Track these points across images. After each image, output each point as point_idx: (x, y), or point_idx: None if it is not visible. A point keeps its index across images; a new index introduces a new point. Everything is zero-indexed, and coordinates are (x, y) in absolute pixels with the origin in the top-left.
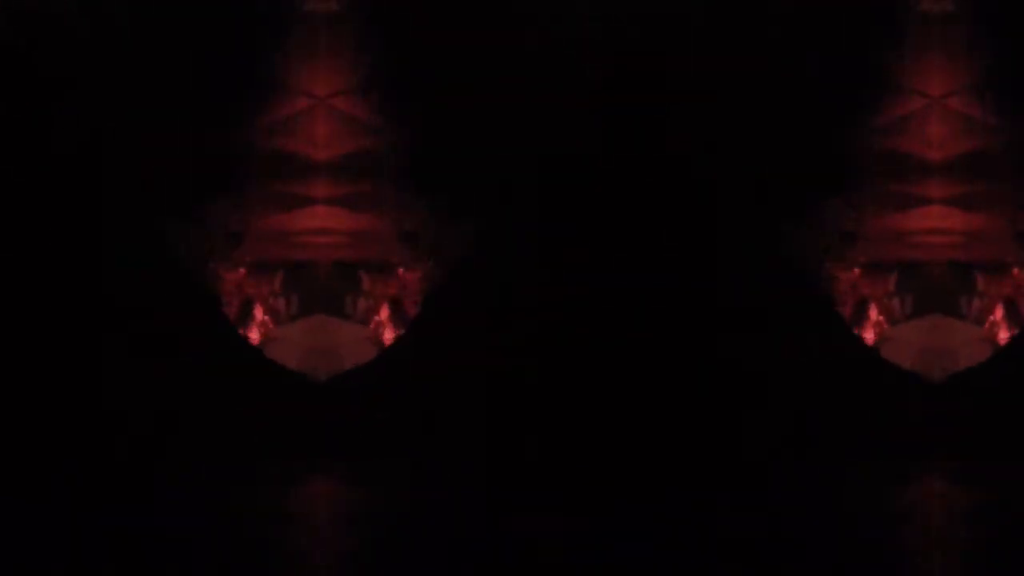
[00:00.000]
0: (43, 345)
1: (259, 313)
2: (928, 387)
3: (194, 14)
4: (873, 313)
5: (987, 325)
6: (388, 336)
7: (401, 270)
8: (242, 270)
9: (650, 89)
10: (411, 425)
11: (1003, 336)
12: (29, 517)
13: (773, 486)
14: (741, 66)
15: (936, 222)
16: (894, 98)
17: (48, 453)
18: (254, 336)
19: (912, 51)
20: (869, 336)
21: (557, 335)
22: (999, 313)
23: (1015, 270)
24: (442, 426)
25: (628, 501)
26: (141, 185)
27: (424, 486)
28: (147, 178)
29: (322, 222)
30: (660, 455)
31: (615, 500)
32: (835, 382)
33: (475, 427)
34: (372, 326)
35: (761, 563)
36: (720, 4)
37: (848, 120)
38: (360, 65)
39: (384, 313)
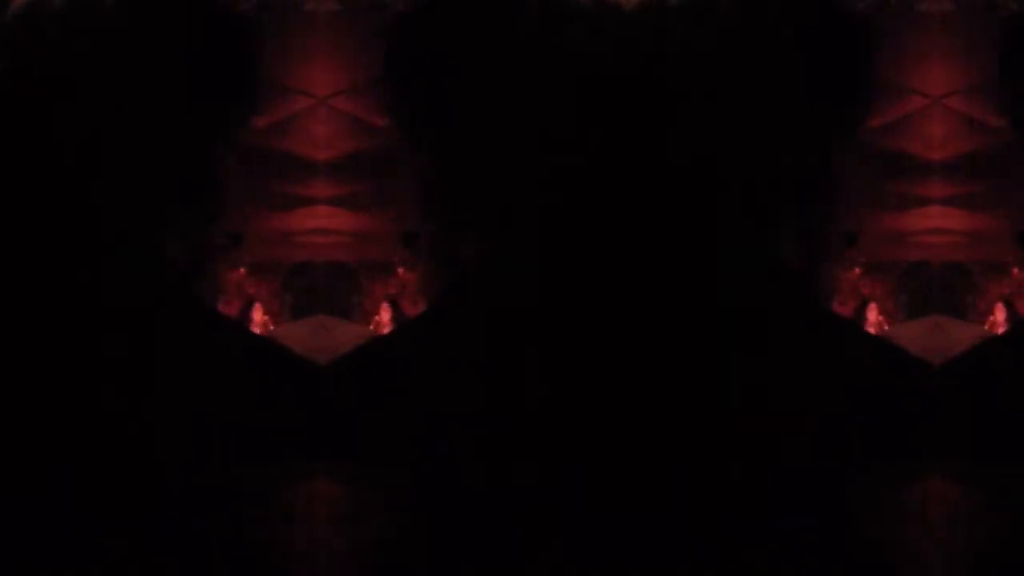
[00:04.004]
0: (42, 346)
1: (259, 313)
2: (928, 387)
3: (193, 14)
4: (873, 313)
5: (987, 325)
6: (388, 336)
7: (401, 270)
8: (242, 270)
9: (649, 90)
10: (411, 426)
11: (1003, 336)
12: (26, 517)
13: (773, 486)
14: (739, 67)
15: (936, 222)
16: (894, 98)
17: (47, 453)
18: (254, 336)
19: (912, 51)
20: (869, 336)
21: (557, 336)
22: (999, 313)
23: (1015, 270)
24: (443, 427)
25: (628, 502)
26: (140, 186)
27: (424, 487)
28: (146, 179)
29: (322, 222)
30: (659, 456)
31: (615, 500)
32: (835, 382)
33: (476, 428)
34: (372, 326)
35: (761, 563)
36: (718, 4)
37: (848, 120)
38: (360, 65)
39: (384, 313)
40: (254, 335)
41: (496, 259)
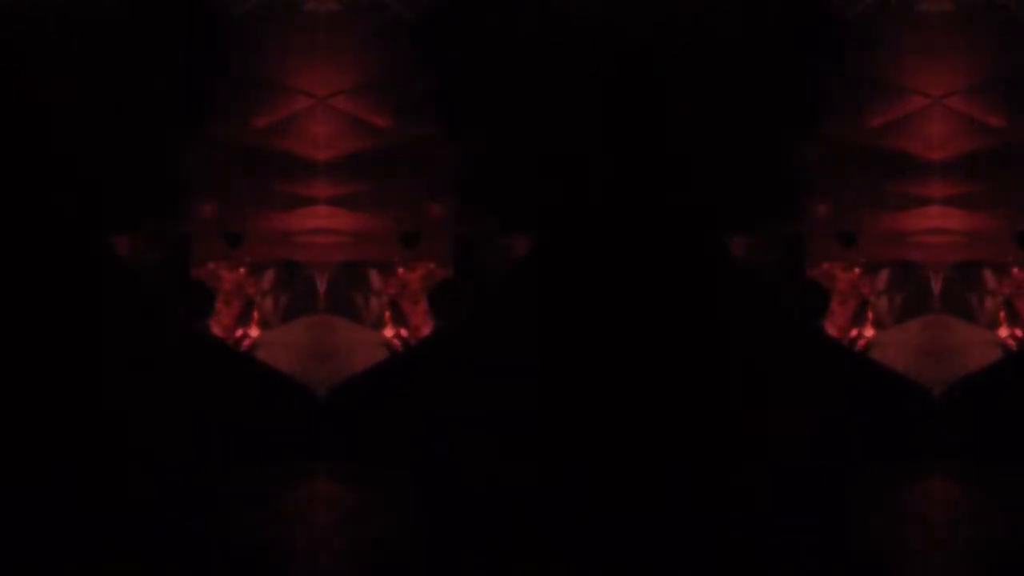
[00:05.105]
0: (42, 347)
1: (259, 313)
2: (928, 387)
3: (193, 13)
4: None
5: (987, 326)
6: (389, 337)
7: (401, 270)
8: (242, 270)
9: (649, 89)
10: (411, 426)
11: (1003, 336)
12: (28, 518)
13: (773, 486)
14: (739, 67)
15: (936, 222)
16: (894, 98)
17: (47, 455)
18: (255, 337)
19: (912, 51)
20: (870, 336)
21: (556, 335)
22: (999, 313)
23: (1015, 270)
24: (443, 427)
25: (628, 502)
26: (139, 185)
27: (424, 487)
28: (145, 178)
29: (322, 222)
30: (659, 456)
31: (615, 500)
32: (835, 382)
33: (476, 428)
34: (372, 326)
35: (761, 563)
36: (718, 4)
37: (848, 120)
38: (360, 65)
39: (384, 313)
40: (255, 335)
41: (495, 258)
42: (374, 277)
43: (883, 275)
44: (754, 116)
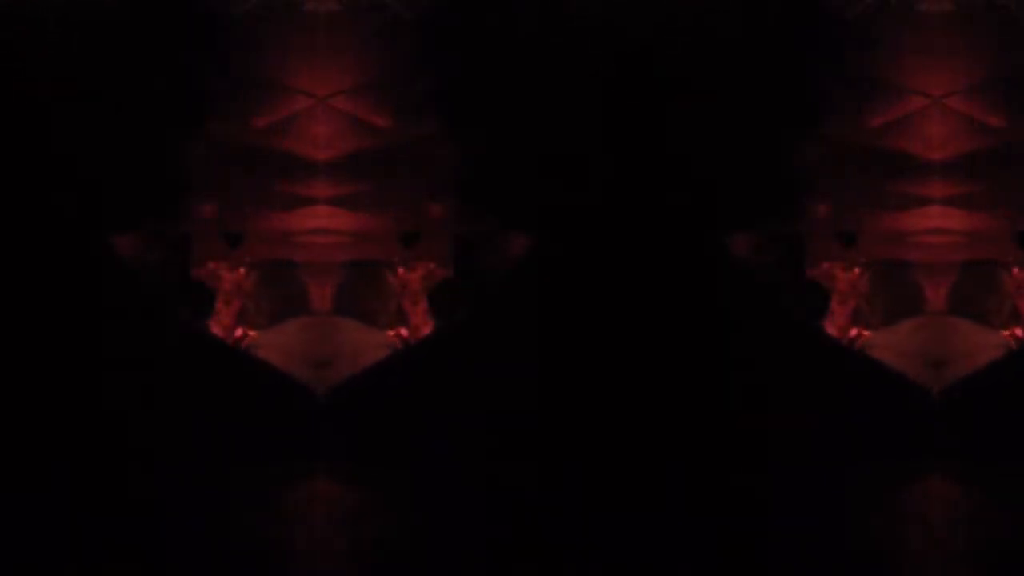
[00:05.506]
0: (42, 347)
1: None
2: (927, 387)
3: (192, 13)
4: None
5: (988, 326)
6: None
7: (401, 270)
8: (242, 270)
9: (649, 89)
10: (411, 426)
11: (1003, 336)
12: (28, 518)
13: (773, 486)
14: (739, 67)
15: (936, 222)
16: (894, 98)
17: (47, 455)
18: (255, 337)
19: (912, 51)
20: (870, 336)
21: (556, 336)
22: (1000, 313)
23: (1015, 270)
24: (443, 427)
25: (628, 502)
26: (138, 185)
27: (424, 487)
28: (145, 179)
29: (322, 222)
30: (659, 456)
31: (615, 500)
32: (835, 382)
33: (476, 428)
34: (372, 326)
35: (761, 563)
36: (718, 4)
37: (848, 120)
38: (360, 65)
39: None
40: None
41: (495, 258)
42: (372, 277)
43: (883, 275)
44: (754, 116)
